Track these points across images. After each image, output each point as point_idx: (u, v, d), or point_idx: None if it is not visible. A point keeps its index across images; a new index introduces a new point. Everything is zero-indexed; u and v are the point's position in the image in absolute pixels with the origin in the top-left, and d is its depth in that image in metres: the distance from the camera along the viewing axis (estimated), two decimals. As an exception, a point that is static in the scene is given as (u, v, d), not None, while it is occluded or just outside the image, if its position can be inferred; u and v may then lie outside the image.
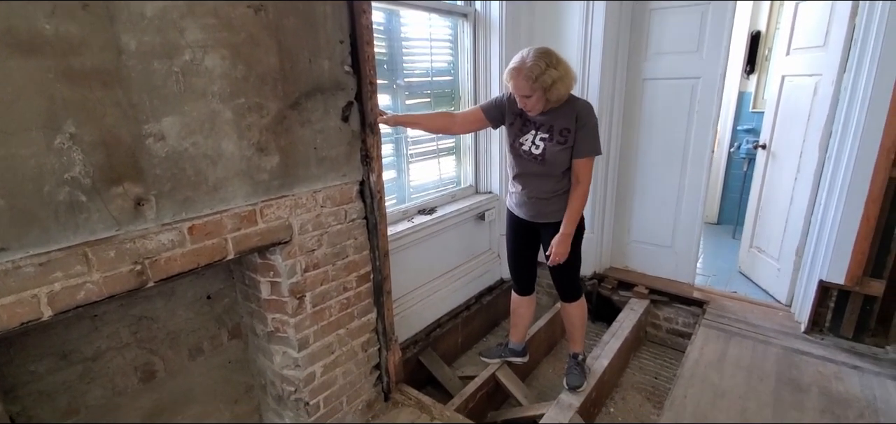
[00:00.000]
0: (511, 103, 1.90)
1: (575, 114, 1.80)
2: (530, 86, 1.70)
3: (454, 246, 2.79)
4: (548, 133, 1.83)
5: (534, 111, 1.79)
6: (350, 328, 1.89)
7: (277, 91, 1.38)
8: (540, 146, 1.86)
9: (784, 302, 2.76)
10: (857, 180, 2.17)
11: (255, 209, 1.42)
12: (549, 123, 1.83)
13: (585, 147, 1.81)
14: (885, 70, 2.00)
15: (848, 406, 1.99)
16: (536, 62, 1.68)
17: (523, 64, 1.70)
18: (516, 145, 1.92)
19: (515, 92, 1.75)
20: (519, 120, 1.91)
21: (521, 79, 1.70)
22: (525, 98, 1.74)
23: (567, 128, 1.81)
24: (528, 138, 1.88)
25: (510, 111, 1.92)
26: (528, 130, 1.88)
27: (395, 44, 2.31)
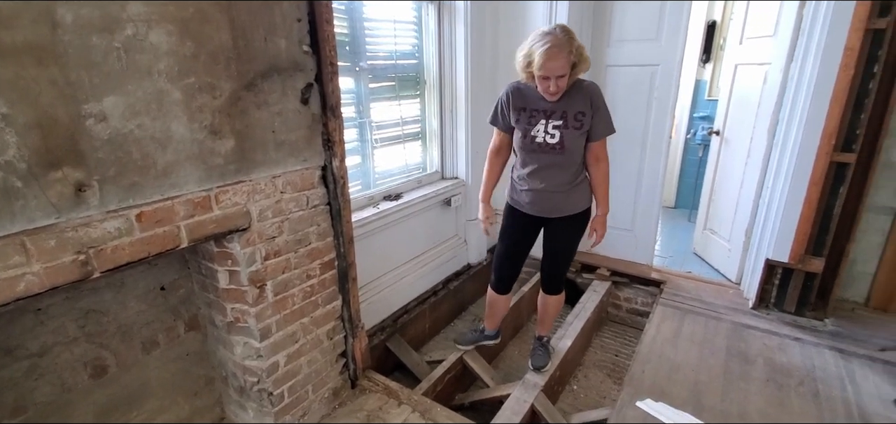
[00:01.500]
0: (513, 99, 1.80)
1: (589, 96, 1.72)
2: (568, 63, 1.58)
3: (421, 231, 2.78)
4: (561, 119, 1.73)
5: (557, 94, 1.67)
6: (314, 316, 1.86)
7: (231, 70, 1.31)
8: (555, 134, 1.74)
9: (734, 280, 2.92)
10: (801, 164, 2.30)
11: (209, 195, 1.36)
12: (562, 110, 1.72)
13: (603, 128, 1.77)
14: (829, 60, 2.12)
15: (790, 375, 2.14)
16: (569, 36, 1.58)
17: (560, 40, 1.56)
18: (528, 139, 1.79)
19: (552, 73, 1.58)
20: (523, 114, 1.79)
21: (563, 57, 1.56)
22: (559, 79, 1.60)
23: (582, 112, 1.72)
24: (539, 129, 1.76)
25: (514, 108, 1.81)
26: (538, 120, 1.76)
27: (357, 25, 2.25)
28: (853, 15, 2.00)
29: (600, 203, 1.91)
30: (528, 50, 1.62)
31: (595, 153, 1.83)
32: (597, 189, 1.90)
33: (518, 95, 1.79)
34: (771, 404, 1.97)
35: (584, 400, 2.45)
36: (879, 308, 2.61)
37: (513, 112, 1.81)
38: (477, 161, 2.99)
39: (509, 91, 1.81)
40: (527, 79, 1.72)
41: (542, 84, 1.64)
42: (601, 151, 1.83)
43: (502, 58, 3.00)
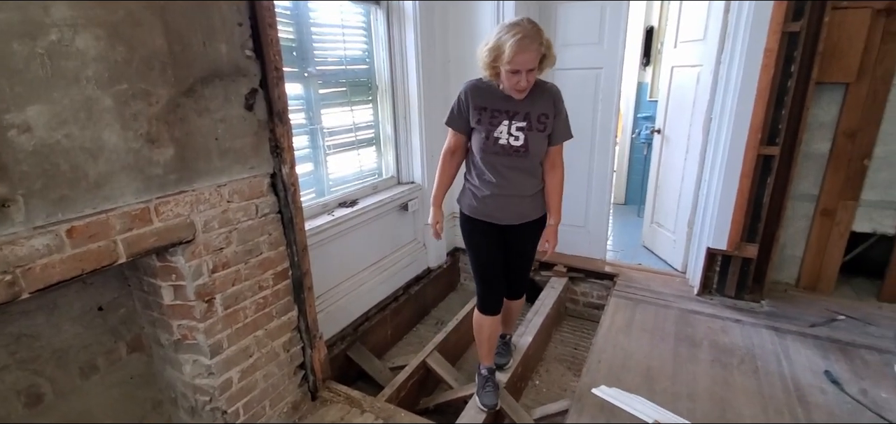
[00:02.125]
0: (472, 98, 1.67)
1: (552, 98, 1.65)
2: (538, 56, 1.48)
3: (378, 237, 2.76)
4: (525, 120, 1.63)
5: (525, 91, 1.57)
6: (269, 328, 1.81)
7: (167, 76, 1.27)
8: (519, 136, 1.64)
9: (680, 269, 3.08)
10: (732, 158, 2.47)
11: (148, 206, 1.30)
12: (525, 110, 1.63)
13: (564, 132, 1.71)
14: (751, 61, 2.29)
15: (732, 354, 2.28)
16: (538, 28, 1.48)
17: (531, 31, 1.46)
18: (491, 140, 1.66)
19: (523, 66, 1.47)
20: (485, 114, 1.66)
21: (534, 49, 1.46)
22: (529, 73, 1.50)
23: (546, 114, 1.64)
24: (502, 130, 1.64)
25: (474, 107, 1.67)
26: (500, 121, 1.64)
27: (304, 29, 2.21)
28: (770, 19, 2.19)
29: (553, 212, 1.84)
30: (495, 43, 1.50)
31: (552, 159, 1.77)
32: (551, 196, 1.82)
33: (478, 94, 1.66)
34: (717, 382, 2.09)
35: (546, 395, 2.51)
36: (808, 288, 2.83)
37: (473, 111, 1.67)
38: (433, 165, 3.01)
39: (469, 89, 1.68)
40: (491, 75, 1.59)
41: (510, 79, 1.52)
42: (558, 157, 1.78)
43: (454, 62, 3.06)
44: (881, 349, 2.26)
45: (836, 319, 2.51)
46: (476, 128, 1.70)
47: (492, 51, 1.51)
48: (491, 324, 1.98)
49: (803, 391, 2.01)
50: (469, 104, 1.68)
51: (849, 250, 2.75)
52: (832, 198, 2.64)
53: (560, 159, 1.80)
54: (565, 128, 1.73)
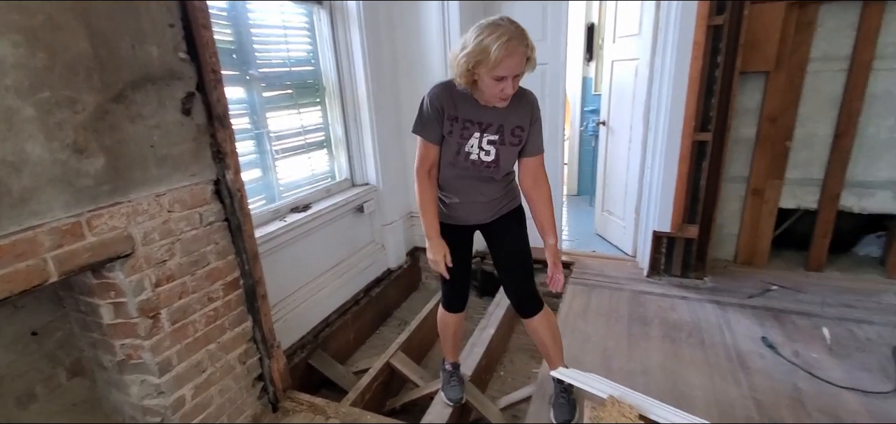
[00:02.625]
0: (446, 106, 1.49)
1: (530, 108, 1.52)
2: (525, 58, 1.34)
3: (335, 241, 2.73)
4: (497, 134, 1.50)
5: (508, 99, 1.42)
6: (222, 341, 1.75)
7: (93, 82, 1.21)
8: (490, 151, 1.51)
9: (630, 253, 3.24)
10: (670, 145, 2.62)
11: (79, 220, 1.24)
12: (499, 122, 1.49)
13: (540, 141, 1.58)
14: (682, 53, 2.44)
15: (680, 329, 2.41)
16: (521, 28, 1.34)
17: (517, 32, 1.31)
18: (462, 155, 1.53)
19: (510, 71, 1.31)
20: (456, 124, 1.50)
21: (522, 52, 1.31)
22: (515, 79, 1.36)
23: (521, 126, 1.51)
24: (473, 143, 1.51)
25: (447, 117, 1.50)
26: (471, 133, 1.50)
27: (243, 31, 2.16)
28: (697, 13, 2.34)
29: (549, 231, 1.63)
30: (476, 47, 1.31)
31: (533, 173, 1.59)
32: (541, 213, 1.64)
33: (449, 101, 1.48)
34: (667, 356, 2.20)
35: (511, 384, 2.56)
36: (745, 262, 3.04)
37: (446, 121, 1.50)
38: (386, 165, 3.01)
39: (440, 93, 1.49)
40: (466, 83, 1.41)
41: (493, 87, 1.35)
42: (540, 170, 1.60)
43: (403, 62, 3.06)
44: (810, 313, 2.46)
45: (770, 289, 2.71)
46: (446, 139, 1.54)
47: (472, 56, 1.33)
48: (454, 322, 1.95)
49: (744, 357, 2.16)
50: (443, 112, 1.50)
51: (778, 225, 2.98)
52: (761, 179, 2.85)
53: (542, 172, 1.62)
54: (539, 138, 1.58)
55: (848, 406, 1.83)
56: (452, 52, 1.42)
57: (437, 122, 1.51)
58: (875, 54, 2.49)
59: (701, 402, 1.89)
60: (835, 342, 2.21)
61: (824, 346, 2.19)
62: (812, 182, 2.80)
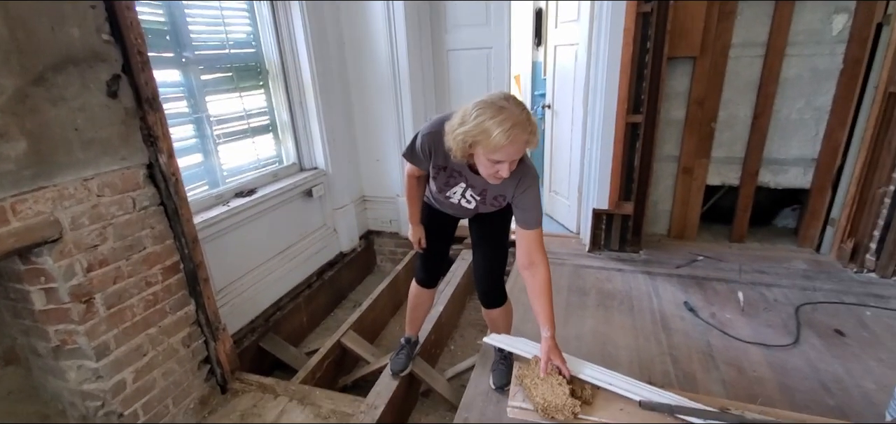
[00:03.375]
0: (435, 155, 1.49)
1: (517, 180, 1.44)
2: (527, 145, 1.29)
3: (283, 225, 2.74)
4: (480, 195, 1.55)
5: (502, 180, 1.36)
6: (163, 325, 1.77)
7: (11, 65, 1.19)
8: (472, 202, 1.60)
9: (574, 230, 3.41)
10: (606, 127, 2.78)
11: (2, 205, 1.23)
12: (482, 187, 1.51)
13: (532, 217, 1.49)
14: (615, 38, 2.58)
15: (613, 298, 2.59)
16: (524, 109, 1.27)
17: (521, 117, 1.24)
18: (443, 195, 1.62)
19: (510, 157, 1.27)
20: (443, 172, 1.55)
21: (525, 139, 1.25)
22: (513, 164, 1.30)
23: (502, 195, 1.53)
24: (456, 191, 1.58)
25: (434, 165, 1.54)
26: (457, 182, 1.55)
27: (176, 12, 2.11)
28: (626, 1, 2.48)
29: (545, 323, 1.54)
30: (476, 128, 1.25)
31: (527, 250, 1.51)
32: (537, 301, 1.54)
33: (440, 154, 1.47)
34: (600, 322, 2.38)
35: (461, 357, 2.68)
36: (677, 236, 3.27)
37: (433, 168, 1.55)
38: (335, 149, 3.03)
39: (432, 144, 1.47)
40: (461, 156, 1.34)
41: (490, 166, 1.31)
42: (535, 250, 1.51)
43: (349, 45, 3.08)
44: (728, 280, 2.70)
45: (696, 260, 2.94)
46: (433, 175, 1.59)
47: (471, 135, 1.26)
48: (421, 295, 2.02)
49: (667, 319, 2.36)
50: (430, 161, 1.52)
51: (705, 201, 3.21)
52: (690, 158, 3.06)
53: (539, 253, 1.51)
54: (535, 211, 1.49)
55: (751, 358, 2.05)
56: (450, 122, 1.34)
57: (425, 160, 1.55)
58: (787, 41, 2.71)
59: (625, 360, 2.06)
60: (747, 303, 2.44)
61: (738, 308, 2.42)
62: (734, 160, 3.04)
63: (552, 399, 1.48)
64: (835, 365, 1.96)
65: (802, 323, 2.25)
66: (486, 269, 1.83)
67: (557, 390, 1.49)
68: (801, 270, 2.77)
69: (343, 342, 2.50)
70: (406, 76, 2.98)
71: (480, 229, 1.79)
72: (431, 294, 2.05)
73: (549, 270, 1.54)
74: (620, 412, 1.52)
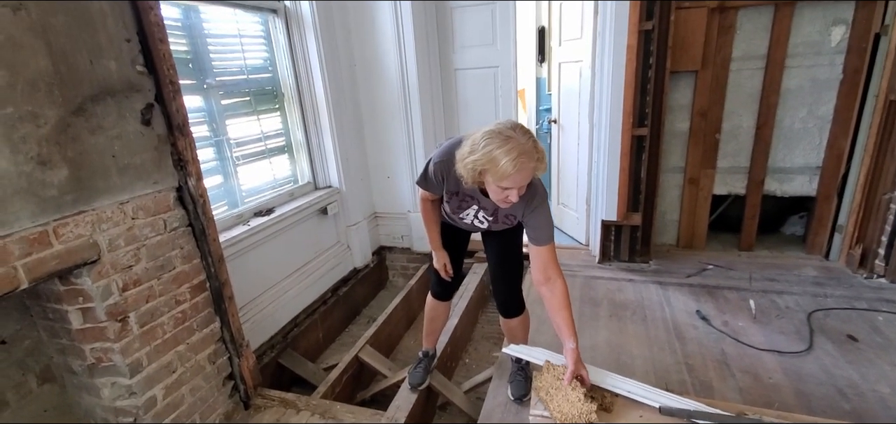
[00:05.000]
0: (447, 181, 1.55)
1: (526, 200, 1.48)
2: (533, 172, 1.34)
3: (300, 243, 2.80)
4: (492, 216, 1.62)
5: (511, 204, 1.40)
6: (191, 342, 1.82)
7: (54, 97, 1.27)
8: (484, 223, 1.66)
9: (584, 242, 3.45)
10: (613, 140, 2.84)
11: (46, 229, 1.30)
12: (493, 209, 1.57)
13: (543, 234, 1.52)
14: (618, 55, 2.66)
15: (626, 308, 2.62)
16: (531, 138, 1.32)
17: (527, 147, 1.29)
18: (457, 218, 1.69)
19: (517, 183, 1.31)
20: (455, 197, 1.62)
21: (531, 167, 1.30)
22: (521, 189, 1.34)
23: (513, 215, 1.59)
24: (469, 214, 1.64)
25: (447, 191, 1.61)
26: (469, 206, 1.61)
27: (198, 41, 2.21)
28: (628, 20, 2.57)
29: (567, 336, 1.54)
30: (487, 155, 1.30)
31: (542, 267, 1.54)
32: (555, 316, 1.56)
33: (451, 180, 1.52)
34: (613, 332, 2.41)
35: (475, 370, 2.70)
36: (686, 246, 3.31)
37: (445, 192, 1.63)
38: (348, 168, 3.11)
39: (443, 170, 1.53)
40: (472, 181, 1.39)
41: (499, 192, 1.36)
42: (550, 265, 1.53)
43: (360, 66, 3.18)
44: (739, 288, 2.73)
45: (706, 269, 2.97)
46: (445, 199, 1.66)
47: (480, 163, 1.32)
48: (437, 308, 2.06)
49: (680, 329, 2.39)
50: (443, 186, 1.58)
51: (713, 211, 3.26)
52: (695, 169, 3.11)
53: (554, 268, 1.54)
54: (546, 228, 1.52)
55: (766, 364, 2.07)
56: (461, 151, 1.38)
57: (438, 187, 1.60)
58: (787, 53, 2.78)
59: (640, 370, 2.09)
60: (759, 311, 2.47)
61: (750, 316, 2.45)
62: (740, 170, 3.09)
63: (568, 408, 1.51)
64: (849, 371, 1.98)
65: (815, 330, 2.27)
66: (503, 280, 1.87)
67: (572, 396, 1.52)
68: (811, 277, 2.79)
69: (361, 356, 2.54)
70: (416, 95, 3.07)
71: (494, 242, 1.83)
72: (447, 306, 2.10)
73: (565, 283, 1.57)
74: (640, 418, 1.55)
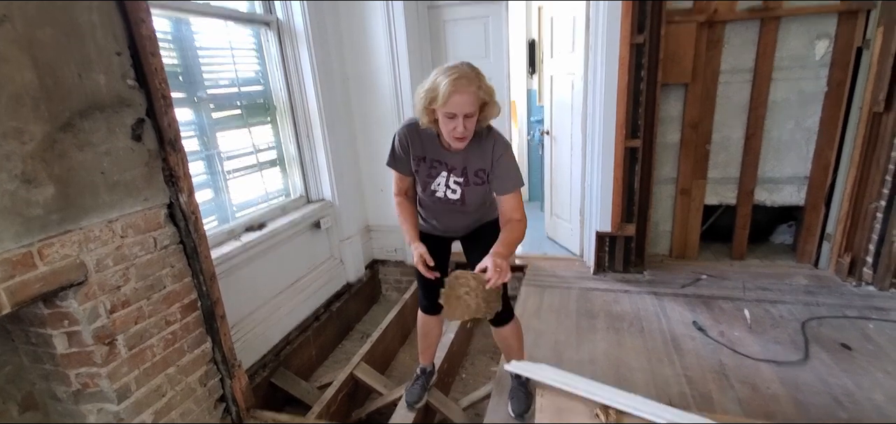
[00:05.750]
0: (412, 146, 1.60)
1: (490, 149, 1.53)
2: (477, 100, 1.36)
3: (292, 258, 2.75)
4: (462, 176, 1.58)
5: (464, 140, 1.44)
6: (181, 364, 1.75)
7: (41, 112, 1.22)
8: (456, 190, 1.61)
9: (578, 253, 3.45)
10: (606, 151, 2.86)
11: (30, 250, 1.24)
12: (463, 165, 1.57)
13: (511, 182, 1.55)
14: (611, 68, 2.69)
15: (623, 320, 2.62)
16: (477, 72, 1.39)
17: (468, 72, 1.35)
18: (428, 191, 1.65)
19: (459, 109, 1.34)
20: (423, 164, 1.61)
21: (472, 91, 1.34)
22: (467, 118, 1.37)
23: (482, 169, 1.57)
24: (440, 182, 1.61)
25: (413, 156, 1.61)
26: (438, 172, 1.60)
27: (189, 53, 2.16)
28: (620, 34, 2.60)
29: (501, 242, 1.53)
30: (431, 84, 1.38)
31: (506, 213, 1.58)
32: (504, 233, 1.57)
33: (417, 141, 1.58)
34: (611, 345, 2.39)
35: (472, 385, 2.66)
36: (679, 256, 3.33)
37: (413, 159, 1.62)
38: (342, 181, 3.07)
39: (407, 133, 1.59)
40: (428, 121, 1.46)
41: (447, 125, 1.40)
42: (515, 208, 1.57)
43: (353, 79, 3.15)
44: (733, 298, 2.75)
45: (700, 279, 2.99)
46: (416, 175, 1.66)
47: (428, 92, 1.39)
48: (429, 323, 2.04)
49: (678, 340, 2.39)
50: (409, 151, 1.60)
51: (704, 221, 3.29)
52: (687, 179, 3.15)
53: (519, 208, 1.58)
54: (512, 177, 1.56)
55: (764, 375, 2.07)
56: (416, 90, 1.47)
57: (405, 159, 1.62)
58: (774, 66, 2.84)
59: (640, 383, 2.08)
60: (754, 321, 2.48)
61: (745, 325, 2.46)
62: (730, 180, 3.13)
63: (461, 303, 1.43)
64: (845, 379, 2.00)
65: (810, 339, 2.29)
66: None
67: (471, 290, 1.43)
68: (802, 286, 2.83)
69: (356, 374, 2.49)
70: (409, 107, 3.05)
71: (475, 248, 1.78)
72: (439, 320, 2.05)
73: (524, 225, 1.58)
74: (645, 434, 1.53)
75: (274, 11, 2.66)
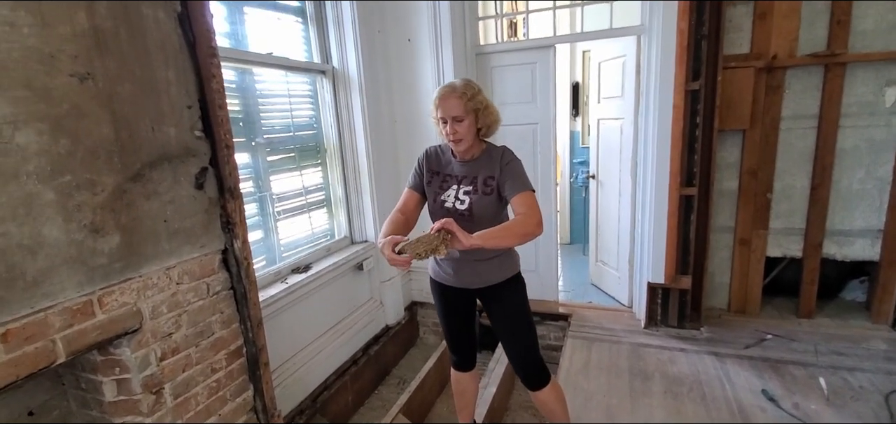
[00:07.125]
0: (428, 161, 1.76)
1: (498, 157, 1.65)
2: (464, 106, 1.53)
3: (334, 300, 2.72)
4: (471, 185, 1.66)
5: (465, 143, 1.59)
6: (223, 413, 1.71)
7: (114, 164, 1.25)
8: (465, 200, 1.66)
9: (627, 304, 3.27)
10: (659, 199, 2.73)
11: (91, 299, 1.24)
12: (473, 175, 1.66)
13: (518, 183, 1.59)
14: (664, 114, 2.60)
15: (681, 383, 2.42)
16: (467, 84, 1.60)
17: (455, 84, 1.59)
18: (438, 203, 1.70)
19: (446, 113, 1.55)
20: (436, 178, 1.73)
21: (455, 99, 1.54)
22: (456, 122, 1.55)
23: (491, 176, 1.65)
24: (450, 194, 1.69)
25: (428, 170, 1.75)
26: (450, 185, 1.70)
27: (250, 101, 2.24)
28: (674, 80, 2.51)
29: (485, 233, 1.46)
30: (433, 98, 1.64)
31: (517, 208, 1.60)
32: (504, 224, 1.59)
33: (434, 159, 1.76)
34: (670, 413, 2.20)
35: (514, 445, 2.51)
36: (738, 311, 3.10)
37: (427, 173, 1.75)
38: (386, 223, 3.06)
39: (426, 153, 1.79)
40: (440, 131, 1.66)
41: (444, 130, 1.61)
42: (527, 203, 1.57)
43: (400, 122, 3.19)
44: (805, 363, 2.50)
45: (765, 339, 2.75)
46: (427, 190, 1.74)
47: (433, 106, 1.64)
48: (462, 381, 2.03)
49: (746, 411, 2.17)
50: (425, 166, 1.77)
51: (767, 273, 3.06)
52: (746, 229, 2.96)
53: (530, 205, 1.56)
54: (520, 180, 1.60)
55: (850, 457, 1.84)
56: None
57: (419, 175, 1.77)
58: (841, 113, 2.67)
59: (707, 460, 1.88)
60: (831, 391, 2.24)
61: (822, 396, 2.22)
62: (795, 231, 2.92)
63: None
64: (949, 468, 1.74)
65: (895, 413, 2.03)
66: (517, 349, 1.81)
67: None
68: (882, 351, 2.56)
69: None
70: (454, 151, 3.04)
71: (498, 311, 1.79)
72: (473, 376, 2.04)
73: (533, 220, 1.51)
74: None
75: (330, 60, 2.77)
